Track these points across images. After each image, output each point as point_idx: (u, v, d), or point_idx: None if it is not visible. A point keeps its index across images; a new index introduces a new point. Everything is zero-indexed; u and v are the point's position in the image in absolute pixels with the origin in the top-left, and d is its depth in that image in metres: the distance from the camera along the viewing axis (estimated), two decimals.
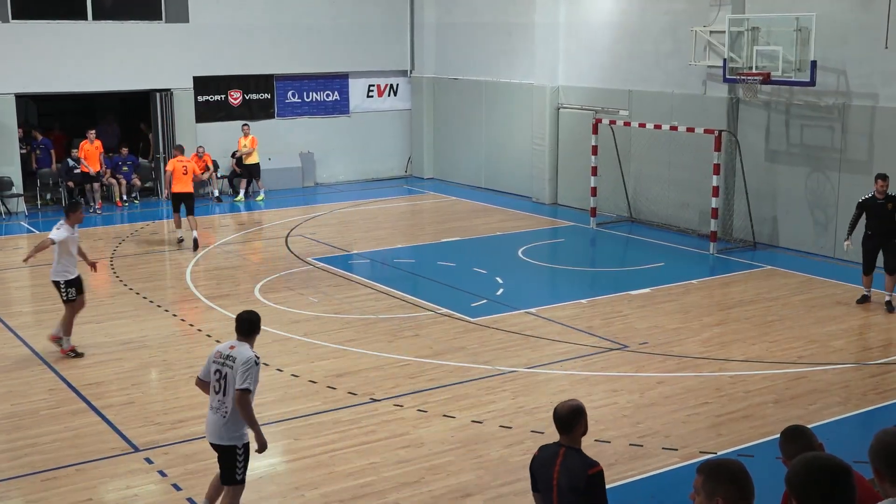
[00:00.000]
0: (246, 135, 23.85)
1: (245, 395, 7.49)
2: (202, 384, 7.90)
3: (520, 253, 17.98)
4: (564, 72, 22.51)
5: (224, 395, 7.63)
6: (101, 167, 22.84)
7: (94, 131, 22.94)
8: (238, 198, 23.92)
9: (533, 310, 14.30)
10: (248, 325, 7.91)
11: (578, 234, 20.11)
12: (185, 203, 18.53)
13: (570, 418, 5.80)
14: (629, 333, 13.17)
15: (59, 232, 12.18)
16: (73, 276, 12.39)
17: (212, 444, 7.81)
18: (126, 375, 11.75)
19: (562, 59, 22.50)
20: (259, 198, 23.92)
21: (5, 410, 10.72)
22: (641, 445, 9.61)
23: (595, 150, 20.22)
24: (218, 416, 7.66)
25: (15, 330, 13.53)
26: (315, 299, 14.92)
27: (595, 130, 20.19)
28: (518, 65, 23.71)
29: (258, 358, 7.74)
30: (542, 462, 5.86)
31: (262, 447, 7.66)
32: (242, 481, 7.75)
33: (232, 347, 7.78)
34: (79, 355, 12.35)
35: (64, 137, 25.73)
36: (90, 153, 22.62)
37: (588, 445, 9.51)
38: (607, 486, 5.82)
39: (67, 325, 12.46)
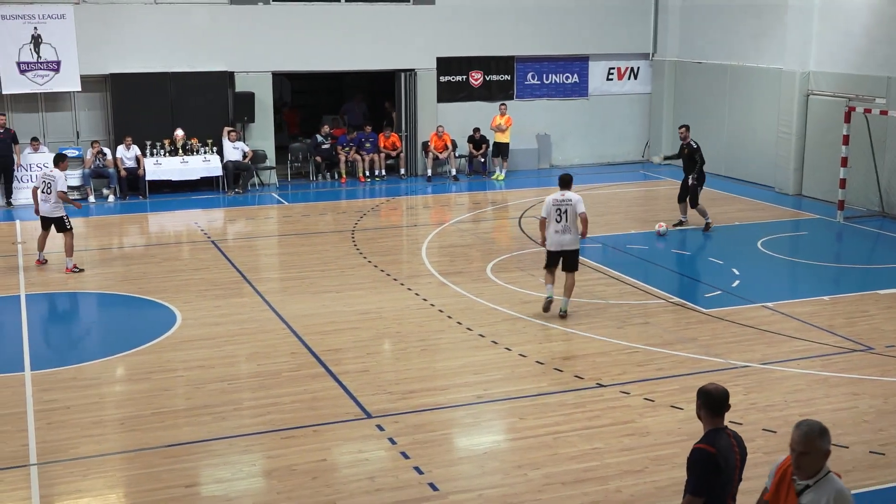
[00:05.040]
0: (503, 114, 24.26)
1: (586, 216, 12.93)
2: (542, 221, 13.05)
3: (759, 244, 17.32)
4: (816, 56, 21.40)
5: (567, 221, 12.83)
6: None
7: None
8: (496, 175, 24.38)
9: (770, 304, 13.76)
10: (566, 181, 13.07)
11: (823, 227, 19.14)
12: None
13: (727, 398, 5.93)
14: (875, 335, 12.44)
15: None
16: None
17: (562, 252, 12.94)
18: (362, 344, 12.25)
19: (814, 43, 21.40)
20: (496, 176, 24.25)
21: (252, 370, 11.44)
22: (883, 454, 9.08)
23: (846, 140, 19.16)
24: (566, 236, 12.88)
25: (263, 295, 14.37)
26: (544, 281, 14.96)
27: (847, 119, 19.12)
28: (767, 49, 22.77)
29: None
30: (725, 451, 5.81)
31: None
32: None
33: (563, 194, 12.88)
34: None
35: (295, 115, 27.29)
36: None
37: None
38: None
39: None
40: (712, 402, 5.89)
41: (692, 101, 25.44)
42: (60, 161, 15.95)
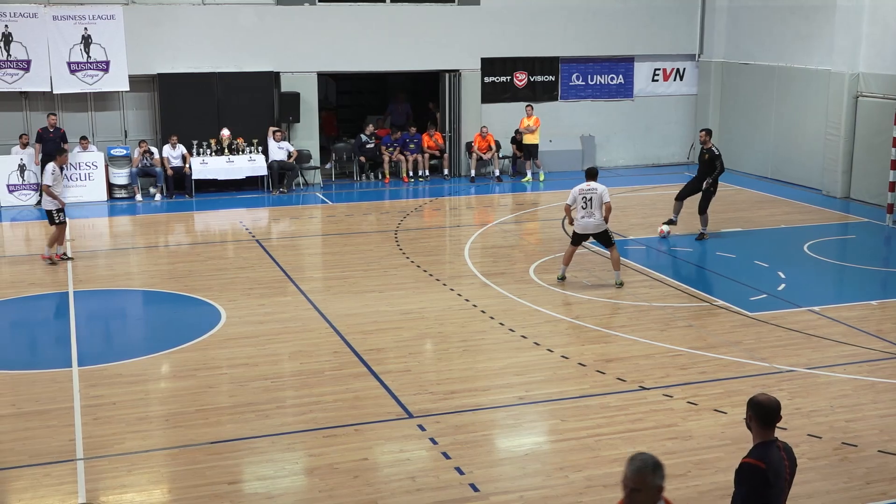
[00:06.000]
0: (529, 115, 24.17)
1: (610, 205, 14.48)
2: (568, 208, 14.70)
3: (805, 248, 17.13)
4: (866, 58, 21.10)
5: (592, 208, 14.41)
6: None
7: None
8: (526, 178, 24.25)
9: (816, 308, 13.60)
10: (593, 173, 14.94)
11: (872, 231, 18.88)
12: None
13: (779, 409, 5.71)
14: None
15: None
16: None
17: (591, 234, 14.61)
18: (404, 344, 12.28)
19: (864, 45, 21.10)
20: (541, 178, 24.15)
21: (295, 368, 11.52)
22: None
23: None
24: (591, 220, 14.42)
25: (307, 294, 14.46)
26: (588, 283, 14.93)
27: None
28: (815, 50, 22.50)
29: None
30: (775, 465, 5.61)
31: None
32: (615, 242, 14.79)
33: (588, 185, 14.53)
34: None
35: (332, 117, 27.41)
36: None
37: (870, 456, 9.03)
38: None
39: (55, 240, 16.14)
40: (764, 414, 5.69)
41: (739, 103, 25.20)
42: (59, 154, 16.19)
